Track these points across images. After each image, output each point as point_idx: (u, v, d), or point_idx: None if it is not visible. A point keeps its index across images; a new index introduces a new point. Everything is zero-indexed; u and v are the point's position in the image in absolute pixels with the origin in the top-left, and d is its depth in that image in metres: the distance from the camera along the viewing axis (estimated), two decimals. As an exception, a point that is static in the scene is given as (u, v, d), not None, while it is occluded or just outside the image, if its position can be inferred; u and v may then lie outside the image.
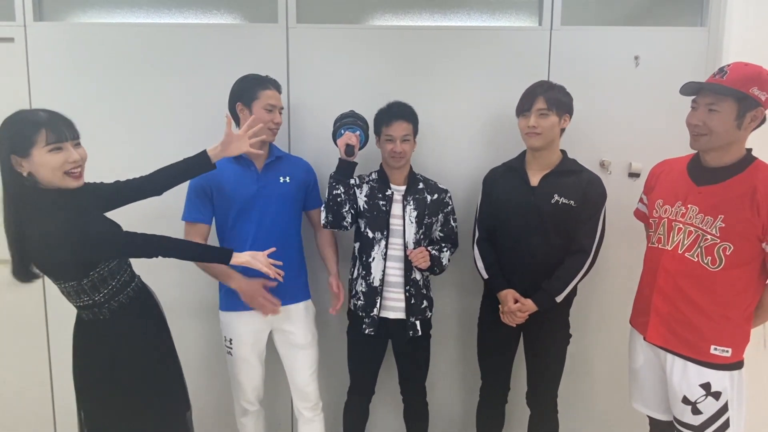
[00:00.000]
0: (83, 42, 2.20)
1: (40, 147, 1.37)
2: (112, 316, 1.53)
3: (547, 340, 2.00)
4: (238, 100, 1.93)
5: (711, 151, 1.62)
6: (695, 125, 1.60)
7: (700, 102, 1.61)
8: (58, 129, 1.40)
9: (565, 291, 1.90)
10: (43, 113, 1.42)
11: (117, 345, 1.55)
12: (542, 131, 1.86)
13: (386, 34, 2.22)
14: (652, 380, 1.80)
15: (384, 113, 1.99)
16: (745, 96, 1.52)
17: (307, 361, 2.06)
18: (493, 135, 2.25)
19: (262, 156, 1.97)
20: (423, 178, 2.07)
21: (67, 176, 1.42)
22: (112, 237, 1.51)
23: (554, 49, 2.22)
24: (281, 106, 1.96)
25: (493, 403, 2.12)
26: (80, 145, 1.48)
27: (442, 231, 2.07)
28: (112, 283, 1.52)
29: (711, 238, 1.59)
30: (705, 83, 1.59)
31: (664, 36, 2.21)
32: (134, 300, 1.60)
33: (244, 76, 1.95)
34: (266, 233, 1.94)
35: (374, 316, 1.99)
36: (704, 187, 1.63)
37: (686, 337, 1.65)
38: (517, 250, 1.93)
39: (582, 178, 1.91)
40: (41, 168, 1.39)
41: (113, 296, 1.53)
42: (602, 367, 2.41)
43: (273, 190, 1.95)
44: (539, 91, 1.88)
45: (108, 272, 1.50)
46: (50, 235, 1.36)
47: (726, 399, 1.62)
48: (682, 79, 2.13)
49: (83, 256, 1.44)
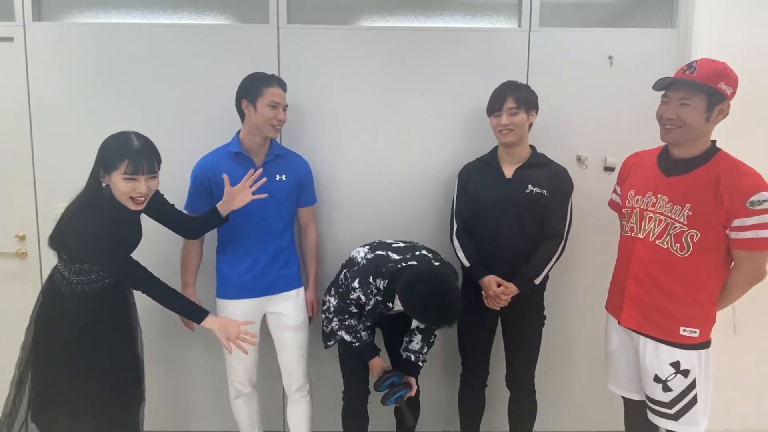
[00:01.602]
0: (81, 42, 2.22)
1: (119, 173, 1.58)
2: (70, 294, 1.68)
3: (523, 322, 2.06)
4: (244, 97, 1.95)
5: (680, 144, 1.66)
6: (669, 119, 1.64)
7: (671, 96, 1.64)
8: (138, 162, 1.58)
9: (543, 273, 1.97)
10: (137, 143, 1.61)
11: (77, 323, 1.69)
12: (514, 128, 1.94)
13: (373, 35, 2.26)
14: (626, 362, 1.84)
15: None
16: (714, 90, 1.57)
17: (297, 342, 2.09)
18: (472, 131, 2.29)
19: (262, 153, 2.01)
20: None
21: (131, 200, 1.64)
22: (119, 263, 1.65)
23: (533, 50, 2.27)
24: (285, 104, 1.98)
25: (474, 389, 2.17)
26: (155, 178, 1.66)
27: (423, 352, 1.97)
28: (91, 276, 1.69)
29: (679, 226, 1.63)
30: (679, 78, 1.63)
31: (636, 37, 2.27)
32: (101, 293, 1.72)
33: (250, 74, 1.98)
34: (261, 229, 2.00)
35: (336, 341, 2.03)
36: (673, 178, 1.68)
37: (658, 321, 1.69)
38: (496, 238, 1.99)
39: (552, 169, 2.00)
40: (115, 187, 1.61)
41: (87, 283, 1.69)
42: (579, 351, 2.46)
43: (269, 188, 1.96)
44: (508, 92, 1.95)
45: (95, 269, 1.69)
46: (75, 228, 1.59)
47: (694, 376, 1.67)
48: (654, 77, 2.16)
49: (80, 255, 1.65)
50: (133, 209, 1.66)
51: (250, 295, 2.04)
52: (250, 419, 2.18)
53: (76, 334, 1.68)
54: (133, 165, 1.58)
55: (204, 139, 2.02)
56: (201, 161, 2.02)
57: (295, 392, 2.14)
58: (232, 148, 1.98)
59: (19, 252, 2.32)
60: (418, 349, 1.95)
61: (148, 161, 1.61)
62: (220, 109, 2.22)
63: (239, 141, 2.00)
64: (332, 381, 2.30)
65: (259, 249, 2.02)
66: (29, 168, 2.26)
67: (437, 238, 2.28)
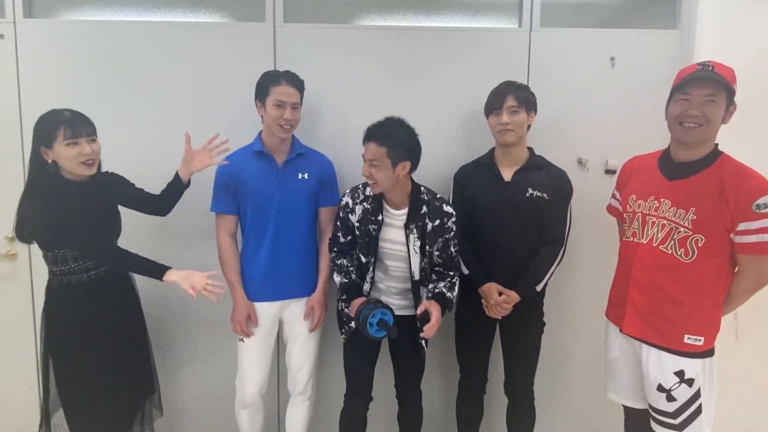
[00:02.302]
0: (72, 39, 2.16)
1: (60, 141, 1.63)
2: (58, 287, 1.72)
3: (522, 329, 2.00)
4: (257, 98, 1.92)
5: (697, 144, 1.59)
6: (694, 116, 1.55)
7: (694, 93, 1.56)
8: (74, 126, 1.64)
9: (544, 279, 1.92)
10: (66, 113, 1.67)
11: (60, 315, 1.73)
12: (514, 127, 1.88)
13: (372, 34, 2.21)
14: (627, 370, 1.79)
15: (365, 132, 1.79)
16: (733, 90, 1.54)
17: (305, 347, 2.04)
18: (471, 132, 2.24)
19: (284, 152, 1.97)
20: (427, 199, 1.84)
21: (82, 165, 1.67)
22: (79, 240, 1.66)
23: (533, 50, 2.22)
24: (294, 102, 1.89)
25: (473, 396, 2.11)
26: (95, 141, 1.72)
27: (440, 257, 1.86)
28: (71, 265, 1.70)
29: (684, 230, 1.59)
30: (712, 72, 1.54)
31: (638, 38, 2.22)
32: (88, 285, 1.73)
33: (264, 73, 1.93)
34: (284, 229, 1.96)
35: (350, 327, 1.89)
36: (675, 182, 1.63)
37: (661, 328, 1.64)
38: (496, 244, 1.93)
39: (551, 171, 1.95)
40: (61, 158, 1.65)
41: (68, 274, 1.71)
42: (578, 359, 2.41)
43: (291, 187, 1.94)
44: (509, 90, 1.90)
45: (70, 256, 1.69)
46: (28, 212, 1.64)
47: (698, 385, 1.62)
48: (656, 79, 2.19)
49: (43, 239, 1.68)
50: (87, 173, 1.68)
51: (270, 298, 1.99)
52: (252, 429, 2.11)
53: (70, 328, 1.72)
54: (71, 129, 1.64)
55: (199, 140, 1.96)
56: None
57: (297, 395, 2.09)
58: (254, 147, 1.96)
59: (9, 253, 2.26)
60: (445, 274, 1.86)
61: (83, 124, 1.67)
62: (215, 109, 2.18)
63: (261, 140, 1.96)
64: (333, 389, 2.26)
65: (281, 250, 1.96)
66: (19, 168, 2.20)
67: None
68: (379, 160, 1.70)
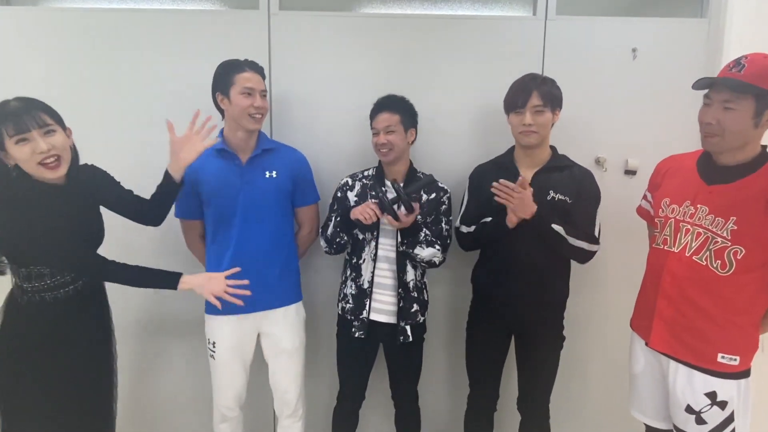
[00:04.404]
0: (56, 28, 1.98)
1: (9, 140, 1.33)
2: (27, 305, 1.46)
3: (540, 345, 1.83)
4: (217, 90, 1.74)
5: (721, 153, 1.44)
6: (708, 123, 1.40)
7: (714, 98, 1.40)
8: (19, 120, 1.33)
9: (563, 236, 1.67)
10: (13, 103, 1.36)
11: (34, 337, 1.47)
12: (538, 129, 1.68)
13: (373, 23, 2.03)
14: (652, 387, 1.64)
15: (372, 107, 1.82)
16: (764, 92, 1.33)
17: (291, 367, 1.88)
18: (483, 129, 2.07)
19: (248, 149, 1.78)
20: (423, 175, 1.87)
21: (41, 167, 1.36)
22: (59, 255, 1.43)
23: (549, 40, 2.03)
24: (262, 89, 1.75)
25: (482, 412, 1.95)
26: (55, 133, 1.39)
27: (430, 229, 1.84)
28: (47, 281, 1.46)
29: (721, 240, 1.41)
30: (720, 78, 1.39)
31: (662, 27, 2.03)
32: (63, 302, 1.49)
33: (220, 63, 1.75)
34: (251, 233, 1.77)
35: (363, 319, 1.82)
36: (715, 187, 1.46)
37: (692, 344, 1.48)
38: (512, 253, 1.74)
39: (574, 173, 1.75)
40: (19, 160, 1.36)
41: (43, 291, 1.46)
42: (597, 371, 2.25)
43: (257, 186, 1.76)
44: (533, 86, 1.69)
45: (48, 272, 1.45)
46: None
47: (732, 408, 1.47)
48: (681, 72, 2.01)
49: (11, 255, 1.43)
50: (51, 177, 1.40)
51: (243, 310, 1.73)
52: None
53: (35, 350, 1.46)
54: (15, 122, 1.33)
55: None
56: None
57: (287, 417, 1.93)
58: (216, 146, 1.76)
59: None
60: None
61: (32, 115, 1.35)
62: (207, 100, 1.99)
63: (223, 138, 1.79)
64: (322, 399, 2.16)
65: (249, 256, 1.76)
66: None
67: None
68: (393, 126, 1.78)
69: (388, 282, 1.82)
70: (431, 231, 1.83)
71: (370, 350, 1.89)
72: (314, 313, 2.06)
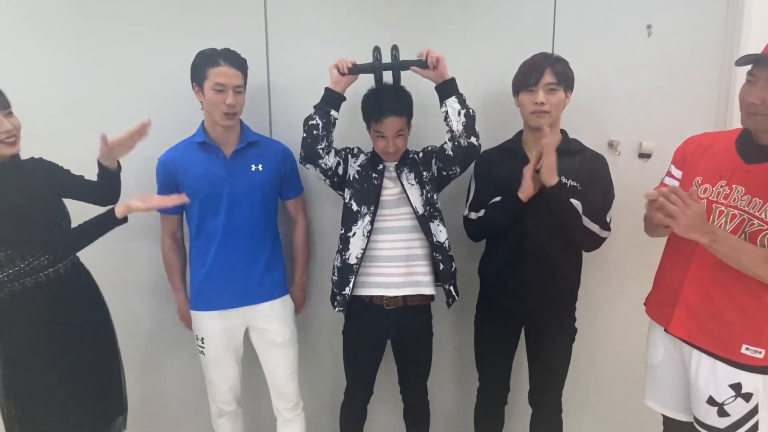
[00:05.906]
0: (43, 11, 1.87)
1: None
2: (12, 297, 1.47)
3: (551, 338, 1.76)
4: (193, 81, 1.67)
5: (763, 132, 1.35)
6: (751, 103, 1.31)
7: (759, 76, 1.29)
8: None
9: (579, 213, 1.61)
10: None
11: (13, 331, 1.49)
12: (550, 109, 1.59)
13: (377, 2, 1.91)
14: (672, 377, 1.57)
15: (373, 105, 1.71)
16: None
17: (285, 361, 1.85)
18: (490, 110, 1.95)
19: (232, 142, 1.72)
20: (414, 151, 1.85)
21: (2, 145, 1.45)
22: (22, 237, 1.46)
23: (559, 17, 1.92)
24: (236, 84, 1.65)
25: (493, 406, 1.89)
26: (12, 115, 1.47)
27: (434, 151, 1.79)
28: (20, 265, 1.47)
29: (758, 223, 1.32)
30: (766, 55, 1.29)
31: (679, 2, 1.91)
32: (46, 287, 1.51)
33: (199, 52, 1.67)
34: (237, 226, 1.73)
35: (345, 295, 1.73)
36: (754, 165, 1.36)
37: (715, 333, 1.41)
38: (523, 243, 1.66)
39: (586, 157, 1.68)
40: None
41: (19, 277, 1.48)
42: (608, 361, 2.17)
43: (243, 180, 1.72)
44: (546, 64, 1.60)
45: (17, 255, 1.47)
46: None
47: (757, 401, 1.40)
48: (698, 49, 1.90)
49: None
50: (8, 153, 1.46)
51: (226, 305, 1.76)
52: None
53: (35, 340, 1.50)
54: None
55: (187, 125, 1.76)
56: (164, 156, 1.76)
57: (286, 411, 1.91)
58: (197, 138, 1.73)
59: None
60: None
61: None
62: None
63: (204, 130, 1.73)
64: (324, 393, 2.12)
65: (237, 251, 1.73)
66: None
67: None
68: (402, 130, 1.72)
69: (394, 253, 1.73)
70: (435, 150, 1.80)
71: (378, 344, 1.83)
72: (315, 305, 2.01)
